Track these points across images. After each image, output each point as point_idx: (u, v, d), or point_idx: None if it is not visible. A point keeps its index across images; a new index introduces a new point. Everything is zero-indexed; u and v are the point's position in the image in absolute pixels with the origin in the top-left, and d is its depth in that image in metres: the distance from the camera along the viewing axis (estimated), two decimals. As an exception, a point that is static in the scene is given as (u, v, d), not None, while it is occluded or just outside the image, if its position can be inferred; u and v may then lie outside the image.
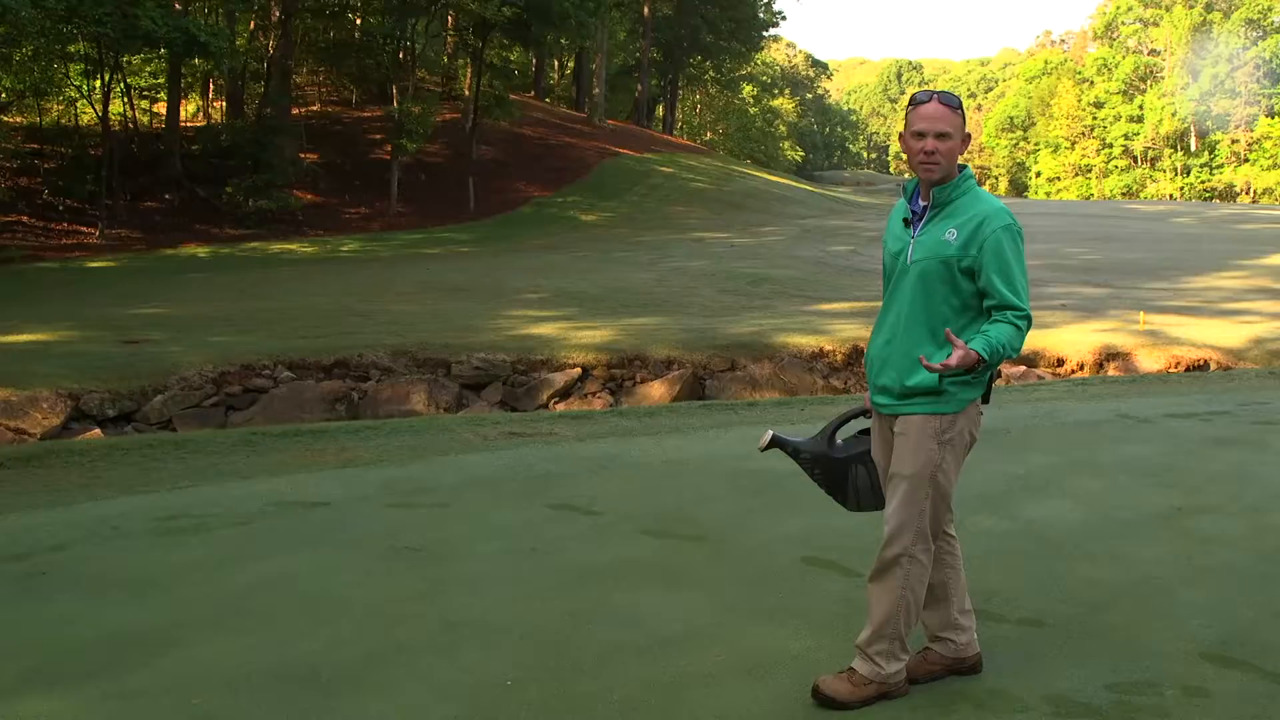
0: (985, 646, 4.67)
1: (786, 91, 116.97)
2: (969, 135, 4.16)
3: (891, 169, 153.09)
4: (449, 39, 52.50)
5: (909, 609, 4.17)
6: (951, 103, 4.09)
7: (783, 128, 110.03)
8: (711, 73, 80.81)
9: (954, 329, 4.03)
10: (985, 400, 4.21)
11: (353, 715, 4.15)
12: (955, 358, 3.87)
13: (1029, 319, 4.02)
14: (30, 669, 4.48)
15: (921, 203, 4.17)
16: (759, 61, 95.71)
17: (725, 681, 4.38)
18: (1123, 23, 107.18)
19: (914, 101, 4.16)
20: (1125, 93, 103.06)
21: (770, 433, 4.48)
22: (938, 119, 4.06)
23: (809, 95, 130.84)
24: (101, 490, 7.85)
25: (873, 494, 4.43)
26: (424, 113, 41.90)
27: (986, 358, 3.90)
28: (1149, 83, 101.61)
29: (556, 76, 73.08)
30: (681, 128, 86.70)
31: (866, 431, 4.48)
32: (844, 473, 4.46)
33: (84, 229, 35.62)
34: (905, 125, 4.19)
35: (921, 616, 4.37)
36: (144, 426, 15.69)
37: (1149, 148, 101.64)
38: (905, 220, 4.22)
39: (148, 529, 6.56)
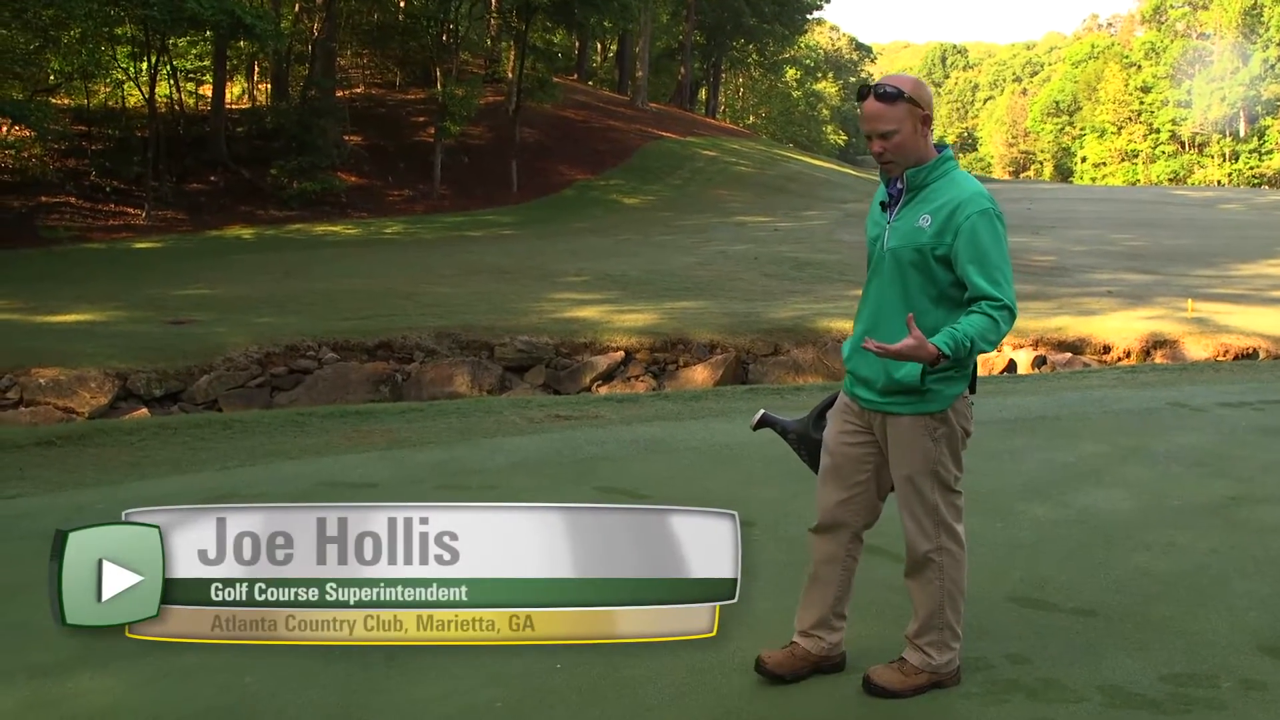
0: (1038, 636, 4.64)
1: (830, 75, 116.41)
2: (928, 115, 3.95)
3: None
4: (492, 21, 52.49)
5: (953, 597, 4.12)
6: (889, 94, 3.89)
7: (826, 111, 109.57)
8: (754, 56, 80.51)
9: (931, 321, 3.90)
10: (972, 390, 4.11)
11: (402, 698, 4.16)
12: (902, 344, 3.74)
13: (1009, 310, 3.84)
14: (84, 647, 4.49)
15: (898, 185, 4.03)
16: (802, 45, 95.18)
17: (776, 668, 4.35)
18: (1172, 6, 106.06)
19: (858, 96, 4.02)
20: (1173, 77, 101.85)
21: (762, 411, 4.53)
22: (877, 118, 3.91)
23: (852, 79, 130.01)
24: (151, 469, 7.91)
25: None
26: (467, 95, 41.90)
27: (949, 353, 3.77)
28: (1198, 67, 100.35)
29: (599, 59, 72.97)
30: (724, 111, 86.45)
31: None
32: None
33: (130, 210, 35.88)
34: None
35: (797, 612, 4.33)
36: (190, 406, 15.81)
37: (1197, 133, 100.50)
38: (883, 204, 4.10)
39: (197, 508, 6.58)
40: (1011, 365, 17.27)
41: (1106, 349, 17.81)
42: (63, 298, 21.53)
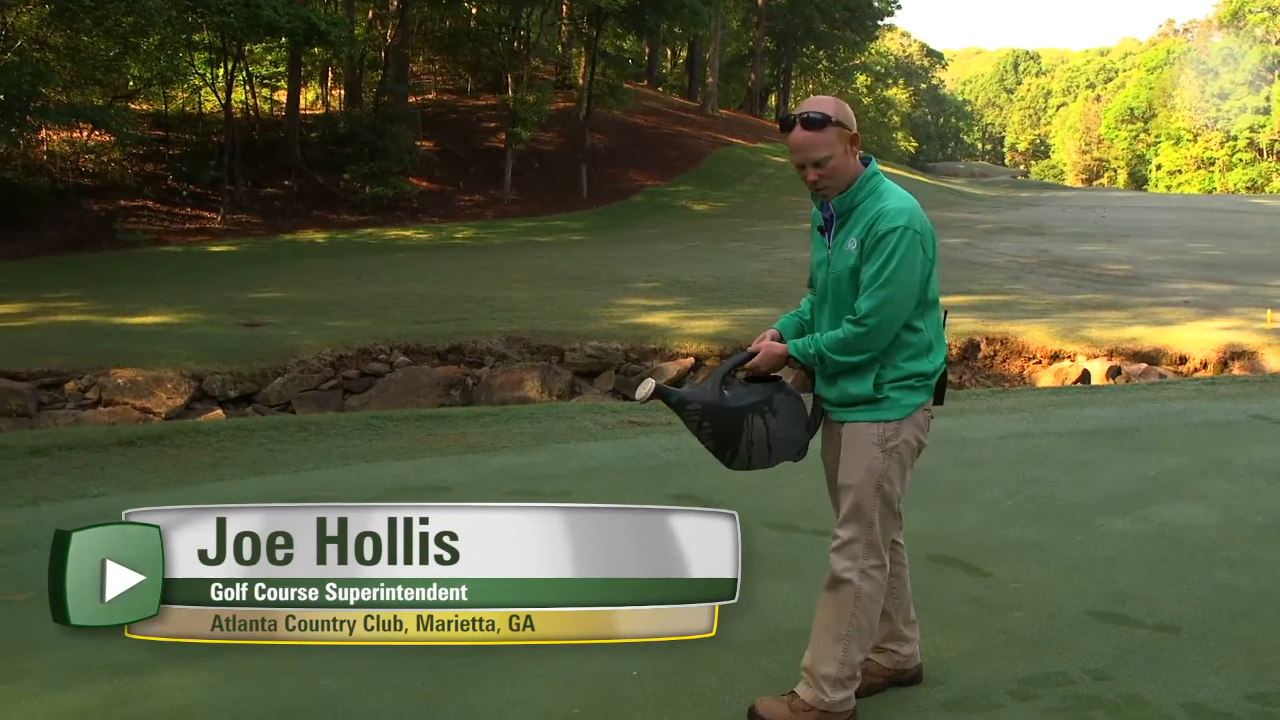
0: (1119, 651, 4.58)
1: (901, 81, 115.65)
2: (855, 135, 3.86)
3: (1007, 160, 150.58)
4: (563, 28, 52.66)
5: (861, 633, 3.94)
6: (816, 121, 3.80)
7: (896, 118, 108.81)
8: (825, 62, 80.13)
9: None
10: (939, 401, 4.04)
11: (478, 701, 4.19)
12: (761, 354, 3.95)
13: (865, 328, 3.79)
14: (166, 645, 4.56)
15: (830, 210, 3.96)
16: (873, 51, 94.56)
17: (853, 679, 4.32)
18: (1250, 11, 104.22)
19: (782, 128, 3.92)
20: (1252, 83, 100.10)
21: (652, 383, 3.95)
22: (807, 148, 3.82)
23: (923, 85, 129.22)
24: (229, 470, 8.01)
25: (767, 449, 4.01)
26: (538, 101, 42.08)
27: (796, 357, 3.91)
28: (1277, 73, 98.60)
29: (670, 65, 72.99)
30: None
31: (756, 379, 4.11)
32: (739, 425, 3.98)
33: (206, 214, 36.37)
34: None
35: None
36: (264, 408, 16.00)
37: (1275, 140, 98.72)
38: (820, 228, 4.04)
39: (275, 510, 6.65)
40: (1086, 376, 17.06)
41: (1183, 360, 17.54)
42: (140, 300, 21.88)
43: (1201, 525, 6.35)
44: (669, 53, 72.46)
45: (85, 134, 36.78)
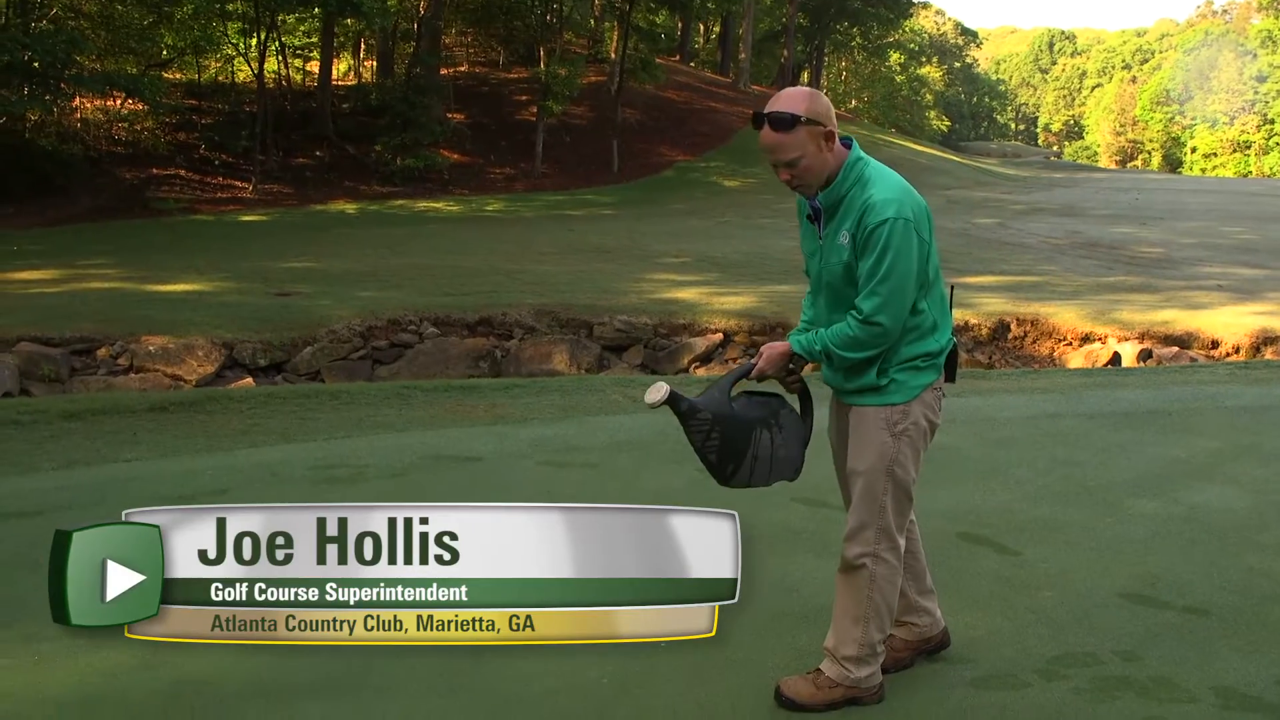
0: (1149, 634, 4.56)
1: (934, 60, 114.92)
2: (830, 131, 3.74)
3: (1040, 141, 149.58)
4: (596, 1, 52.53)
5: (880, 613, 3.92)
6: (784, 121, 3.70)
7: (929, 96, 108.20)
8: (858, 39, 79.68)
9: None
10: (950, 379, 3.98)
11: (507, 670, 4.21)
12: (765, 358, 3.90)
13: (873, 325, 3.71)
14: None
15: (816, 203, 3.86)
16: (907, 29, 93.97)
17: (881, 655, 4.32)
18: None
19: (753, 124, 3.83)
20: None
21: (666, 387, 3.78)
22: (775, 149, 3.74)
23: (957, 64, 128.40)
24: (261, 437, 8.05)
25: (769, 466, 3.97)
26: (570, 75, 41.95)
27: (800, 353, 3.86)
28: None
29: (702, 41, 72.74)
30: (826, 94, 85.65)
31: (756, 394, 4.06)
32: (747, 438, 3.92)
33: (238, 183, 36.45)
34: None
35: None
36: (293, 377, 16.08)
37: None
38: (809, 217, 3.94)
39: (306, 476, 6.70)
40: (1116, 358, 16.98)
41: (1215, 344, 17.42)
42: (171, 268, 21.97)
43: (1233, 509, 6.32)
44: (702, 28, 72.21)
45: (119, 102, 36.90)
